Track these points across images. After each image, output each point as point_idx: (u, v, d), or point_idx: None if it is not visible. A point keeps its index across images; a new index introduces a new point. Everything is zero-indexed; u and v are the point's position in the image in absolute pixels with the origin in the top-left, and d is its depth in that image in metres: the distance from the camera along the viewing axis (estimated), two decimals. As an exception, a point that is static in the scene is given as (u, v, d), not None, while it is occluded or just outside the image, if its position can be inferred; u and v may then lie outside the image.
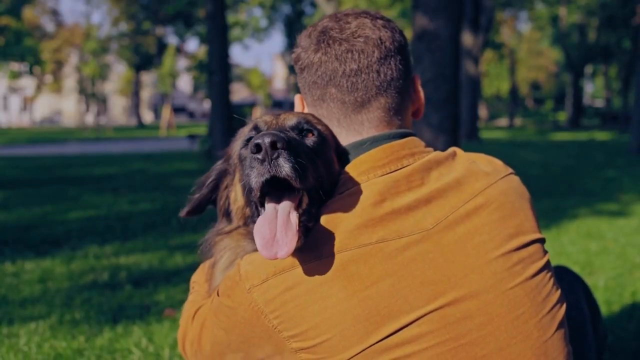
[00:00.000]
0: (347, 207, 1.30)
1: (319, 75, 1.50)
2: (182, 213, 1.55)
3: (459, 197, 1.36)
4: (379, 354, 1.23)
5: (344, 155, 1.47)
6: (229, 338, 1.36)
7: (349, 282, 1.23)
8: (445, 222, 1.31)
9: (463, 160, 1.46)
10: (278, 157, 1.18)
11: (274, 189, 1.25)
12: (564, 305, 1.40)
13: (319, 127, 1.44)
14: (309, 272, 1.25)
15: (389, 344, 1.23)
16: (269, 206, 1.26)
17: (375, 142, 1.45)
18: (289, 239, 1.19)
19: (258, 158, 1.19)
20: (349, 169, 1.40)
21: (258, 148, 1.18)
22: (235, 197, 1.46)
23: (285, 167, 1.18)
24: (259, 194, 1.24)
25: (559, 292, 1.40)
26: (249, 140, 1.40)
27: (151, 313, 3.61)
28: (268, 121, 1.42)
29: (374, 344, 1.22)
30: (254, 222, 1.36)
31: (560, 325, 1.36)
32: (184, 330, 1.55)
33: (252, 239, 1.36)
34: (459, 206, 1.34)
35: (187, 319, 1.55)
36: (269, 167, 1.18)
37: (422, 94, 1.63)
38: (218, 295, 1.38)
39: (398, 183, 1.34)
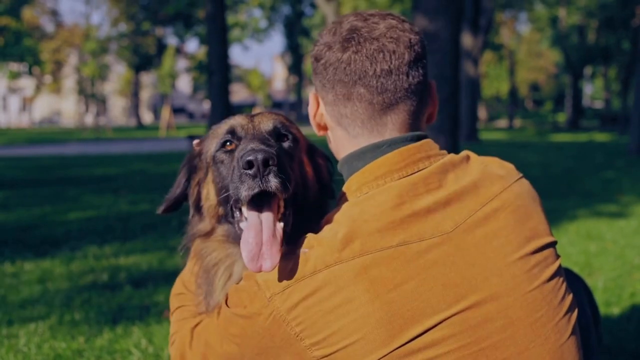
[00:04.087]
0: (367, 210, 1.30)
1: (347, 73, 1.45)
2: (159, 210, 1.59)
3: (476, 200, 1.36)
4: (402, 358, 1.22)
5: (317, 155, 1.51)
6: (243, 351, 1.33)
7: (371, 286, 1.22)
8: (464, 225, 1.31)
9: (477, 164, 1.46)
10: (269, 173, 1.22)
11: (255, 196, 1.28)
12: (576, 310, 1.41)
13: (293, 130, 1.45)
14: (330, 276, 1.24)
15: (412, 348, 1.22)
16: (253, 215, 1.28)
17: (392, 144, 1.44)
18: (273, 253, 1.23)
19: (249, 174, 1.22)
20: (365, 172, 1.40)
21: (250, 165, 1.21)
22: (207, 195, 1.47)
23: (274, 181, 1.23)
24: (245, 204, 1.28)
25: (571, 295, 1.40)
26: (224, 143, 1.42)
27: (151, 314, 3.61)
28: (244, 125, 1.43)
29: (397, 348, 1.21)
30: (228, 221, 1.40)
31: (574, 329, 1.36)
32: (181, 353, 1.49)
33: (234, 243, 1.40)
34: (477, 209, 1.34)
35: (182, 340, 1.49)
36: (260, 182, 1.22)
37: (436, 99, 1.61)
38: (228, 307, 1.35)
39: (416, 186, 1.34)
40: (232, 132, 1.42)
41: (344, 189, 1.44)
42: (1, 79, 55.48)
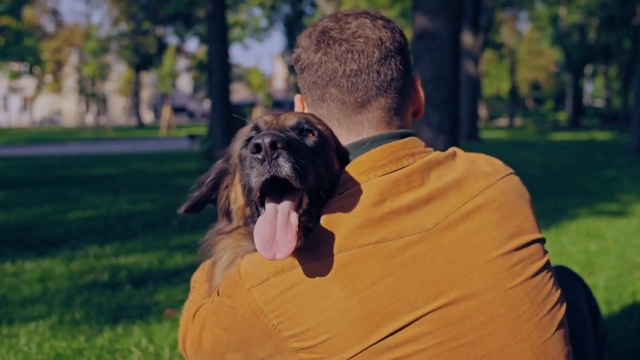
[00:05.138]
0: (347, 207, 1.30)
1: (319, 75, 1.49)
2: (181, 210, 1.56)
3: (459, 197, 1.35)
4: (379, 353, 1.23)
5: (344, 156, 1.47)
6: (229, 337, 1.36)
7: (349, 282, 1.23)
8: (446, 222, 1.31)
9: (463, 160, 1.46)
10: (278, 157, 1.18)
11: (274, 189, 1.25)
12: (564, 305, 1.40)
13: (320, 127, 1.44)
14: (309, 271, 1.24)
15: (389, 344, 1.22)
16: (269, 206, 1.26)
17: (375, 142, 1.45)
18: (287, 240, 1.19)
19: (258, 158, 1.18)
20: (349, 169, 1.40)
21: (258, 148, 1.18)
22: (236, 196, 1.46)
23: (285, 167, 1.18)
24: (259, 193, 1.23)
25: (558, 292, 1.40)
26: (249, 140, 1.40)
27: (151, 313, 3.61)
28: (268, 121, 1.42)
29: (374, 344, 1.22)
30: (254, 222, 1.36)
31: (560, 325, 1.36)
32: (184, 330, 1.55)
33: (252, 239, 1.35)
34: (459, 206, 1.34)
35: (187, 318, 1.55)
36: (268, 167, 1.18)
37: (422, 94, 1.63)
38: (218, 294, 1.37)
39: (398, 183, 1.34)
40: (256, 128, 1.41)
41: None
42: (2, 78, 55.54)
